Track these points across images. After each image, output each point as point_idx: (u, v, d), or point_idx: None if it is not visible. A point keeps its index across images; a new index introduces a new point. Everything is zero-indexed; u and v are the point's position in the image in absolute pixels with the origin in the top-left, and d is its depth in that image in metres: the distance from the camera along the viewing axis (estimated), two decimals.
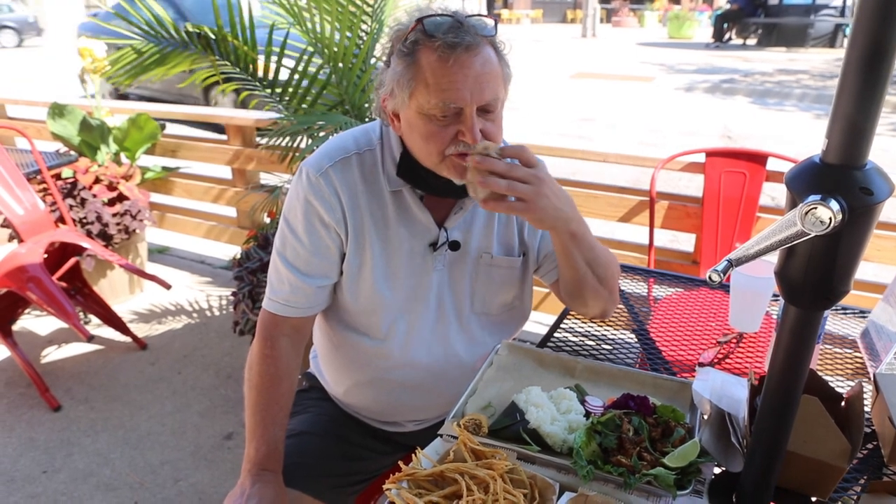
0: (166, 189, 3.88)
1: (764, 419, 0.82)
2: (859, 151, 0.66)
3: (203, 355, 3.01)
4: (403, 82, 1.08)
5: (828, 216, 0.64)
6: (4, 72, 14.64)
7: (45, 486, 2.24)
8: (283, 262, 1.24)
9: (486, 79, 1.06)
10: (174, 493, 2.20)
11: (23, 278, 2.50)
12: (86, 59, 3.18)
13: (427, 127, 1.09)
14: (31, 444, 2.44)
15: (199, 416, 2.58)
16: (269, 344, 1.24)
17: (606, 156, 2.46)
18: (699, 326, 1.46)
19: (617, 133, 8.15)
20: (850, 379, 1.25)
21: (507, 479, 0.89)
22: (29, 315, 3.33)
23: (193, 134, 3.79)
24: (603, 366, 1.19)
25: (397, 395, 1.34)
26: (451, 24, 1.06)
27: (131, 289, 3.52)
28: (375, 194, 1.22)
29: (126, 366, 2.94)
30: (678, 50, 18.29)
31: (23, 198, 2.76)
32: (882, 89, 0.63)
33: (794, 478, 0.90)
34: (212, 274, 3.89)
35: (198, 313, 3.41)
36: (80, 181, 3.11)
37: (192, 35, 2.37)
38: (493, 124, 1.11)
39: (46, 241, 2.70)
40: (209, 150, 3.59)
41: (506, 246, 1.30)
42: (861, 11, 0.61)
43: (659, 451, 0.94)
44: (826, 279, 0.70)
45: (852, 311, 1.48)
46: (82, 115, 3.36)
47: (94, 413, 2.61)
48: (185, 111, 3.66)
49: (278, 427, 1.20)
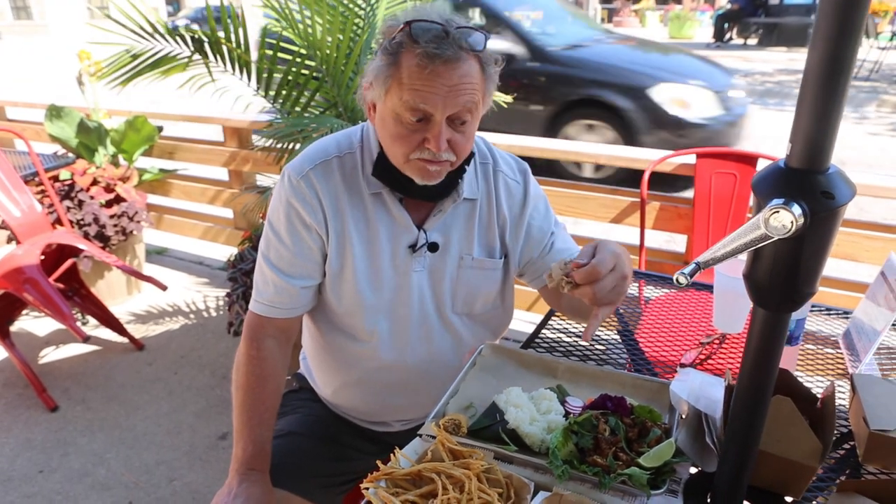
0: (164, 191, 3.90)
1: (736, 419, 0.83)
2: (821, 156, 0.67)
3: (199, 356, 3.03)
4: (382, 78, 1.10)
5: (789, 220, 0.65)
6: (4, 71, 14.68)
7: (42, 485, 2.26)
8: (268, 263, 1.25)
9: (462, 90, 1.07)
10: (169, 492, 2.22)
11: (19, 280, 2.52)
12: (83, 61, 3.20)
13: (397, 128, 1.11)
14: (28, 444, 2.45)
15: (194, 417, 2.60)
16: (255, 345, 1.26)
17: (598, 157, 2.47)
18: (686, 328, 1.47)
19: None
20: (838, 380, 1.26)
21: (484, 479, 0.90)
22: (27, 316, 3.35)
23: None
24: (584, 367, 1.20)
25: (384, 395, 1.36)
26: (437, 33, 1.06)
27: (129, 290, 3.54)
28: (356, 196, 1.23)
29: (123, 366, 2.95)
30: None
31: (20, 200, 2.78)
32: (842, 95, 0.64)
33: (767, 477, 0.91)
34: (209, 275, 3.91)
35: (195, 314, 3.43)
36: (77, 183, 3.12)
37: (185, 38, 2.38)
38: (462, 136, 1.13)
39: (43, 242, 2.72)
40: (206, 152, 3.61)
41: (487, 248, 1.31)
42: (820, 19, 0.62)
43: (635, 452, 0.95)
44: (791, 282, 0.71)
45: (836, 312, 1.49)
46: (80, 117, 3.39)
47: (90, 413, 2.63)
48: (181, 113, 3.67)
49: (265, 427, 1.22)
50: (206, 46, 2.39)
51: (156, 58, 2.45)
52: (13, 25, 31.37)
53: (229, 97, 2.64)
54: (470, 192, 1.27)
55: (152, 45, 2.44)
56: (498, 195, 1.31)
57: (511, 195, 1.32)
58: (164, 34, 2.40)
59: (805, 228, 0.66)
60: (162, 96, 4.01)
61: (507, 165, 1.34)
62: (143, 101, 3.82)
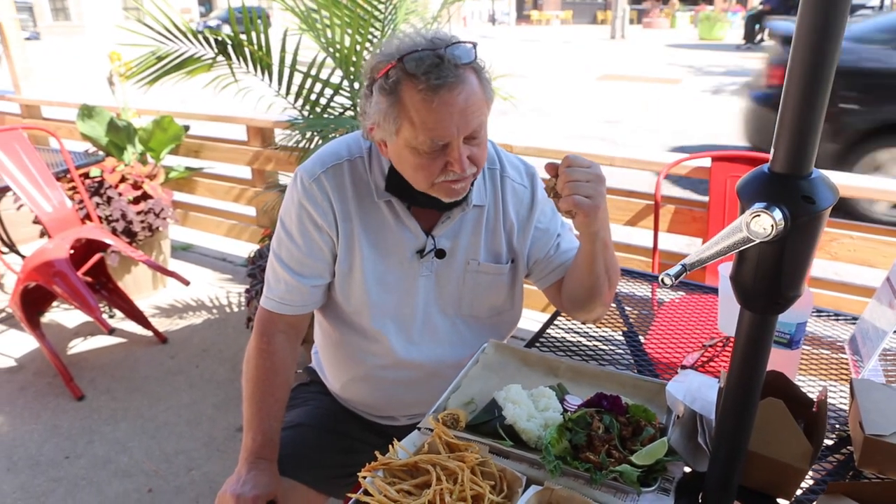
0: (189, 188, 4.00)
1: (724, 420, 0.85)
2: (804, 161, 0.68)
3: (220, 350, 3.10)
4: (390, 119, 1.10)
5: (769, 223, 0.66)
6: (42, 71, 15.11)
7: (67, 470, 2.34)
8: (279, 262, 1.29)
9: (471, 111, 1.09)
10: (187, 481, 2.28)
11: (49, 273, 2.62)
12: (113, 62, 3.30)
13: (416, 160, 1.13)
14: (56, 430, 2.55)
15: (213, 409, 2.67)
16: (265, 339, 1.30)
17: (613, 159, 2.48)
18: (695, 331, 1.48)
19: (641, 136, 8.09)
20: (843, 385, 1.26)
21: (478, 472, 0.93)
22: (57, 308, 3.46)
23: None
24: (586, 366, 1.21)
25: (391, 391, 1.39)
26: (431, 61, 1.06)
27: (154, 284, 3.63)
28: (365, 200, 1.26)
29: (147, 358, 3.04)
30: (708, 51, 18.02)
31: (51, 196, 2.88)
32: (823, 101, 0.65)
33: (758, 478, 0.92)
34: (232, 271, 3.99)
35: (217, 309, 3.51)
36: (106, 180, 3.22)
37: (209, 40, 2.45)
38: (478, 148, 1.15)
39: (73, 237, 2.82)
40: (230, 151, 3.69)
41: (493, 253, 1.33)
42: (800, 24, 0.63)
43: (628, 450, 0.97)
44: (774, 285, 0.72)
45: (844, 317, 1.48)
46: (110, 116, 3.49)
47: (114, 403, 2.72)
48: (207, 113, 3.76)
49: (274, 419, 1.26)
50: (228, 48, 2.45)
51: (181, 59, 2.53)
52: (53, 26, 32.23)
53: (252, 97, 2.70)
54: (478, 199, 1.29)
55: (178, 46, 2.51)
56: (505, 200, 1.33)
57: (518, 200, 1.34)
58: (189, 36, 2.47)
59: (786, 232, 0.67)
60: (191, 96, 4.11)
61: (515, 170, 1.36)
62: (173, 101, 3.93)
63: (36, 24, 31.75)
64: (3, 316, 3.44)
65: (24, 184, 2.81)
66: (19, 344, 3.15)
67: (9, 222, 3.46)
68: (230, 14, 2.36)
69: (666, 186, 2.45)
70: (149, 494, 2.23)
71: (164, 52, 2.50)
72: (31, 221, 3.10)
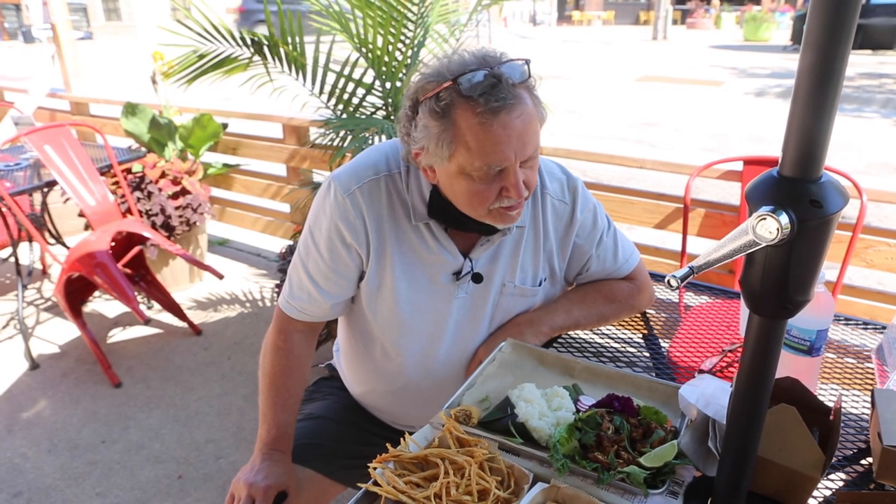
0: (227, 185, 4.10)
1: (733, 425, 0.84)
2: (813, 165, 0.67)
3: (252, 343, 3.18)
4: (443, 144, 1.05)
5: (775, 227, 0.66)
6: (94, 69, 15.63)
7: (103, 454, 2.44)
8: (305, 270, 1.27)
9: (528, 134, 1.05)
10: (215, 469, 2.35)
11: (91, 264, 2.72)
12: (156, 62, 3.41)
13: (471, 186, 1.08)
14: (94, 416, 2.65)
15: (243, 400, 2.74)
16: (283, 337, 1.32)
17: (643, 162, 2.45)
18: (719, 335, 1.46)
19: (680, 138, 7.95)
20: (867, 394, 1.23)
21: (486, 467, 0.94)
22: (98, 298, 3.59)
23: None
24: (602, 367, 1.21)
25: (412, 404, 1.38)
26: (488, 82, 1.00)
27: (191, 278, 3.74)
28: (401, 220, 1.21)
29: (181, 349, 3.14)
30: (753, 53, 17.60)
31: (95, 190, 2.99)
32: (833, 103, 0.64)
33: (769, 485, 0.91)
34: (266, 266, 4.08)
35: (250, 303, 3.59)
36: (147, 175, 3.34)
37: (246, 41, 2.52)
38: (531, 171, 1.11)
39: (114, 230, 2.92)
40: (267, 149, 3.78)
41: (529, 274, 1.30)
42: (809, 26, 0.62)
43: (637, 451, 0.97)
44: (782, 289, 0.72)
45: (874, 326, 1.44)
46: (152, 113, 3.61)
47: (149, 391, 2.81)
48: (244, 111, 3.85)
49: (288, 412, 1.29)
50: (264, 49, 2.51)
51: (219, 58, 2.60)
52: (105, 26, 33.29)
53: (287, 96, 2.76)
54: (519, 220, 1.21)
55: (216, 46, 2.59)
56: (545, 220, 1.28)
57: (558, 217, 1.30)
58: (227, 36, 2.54)
59: (793, 236, 0.66)
60: (233, 93, 4.21)
61: (557, 183, 1.30)
62: (216, 99, 4.02)
63: (89, 24, 32.86)
64: (49, 304, 3.59)
65: (70, 178, 2.92)
66: (63, 332, 3.28)
67: (56, 215, 3.60)
68: (266, 16, 2.42)
69: (705, 189, 2.41)
70: (178, 481, 2.30)
71: (203, 52, 2.58)
72: (77, 214, 3.23)
